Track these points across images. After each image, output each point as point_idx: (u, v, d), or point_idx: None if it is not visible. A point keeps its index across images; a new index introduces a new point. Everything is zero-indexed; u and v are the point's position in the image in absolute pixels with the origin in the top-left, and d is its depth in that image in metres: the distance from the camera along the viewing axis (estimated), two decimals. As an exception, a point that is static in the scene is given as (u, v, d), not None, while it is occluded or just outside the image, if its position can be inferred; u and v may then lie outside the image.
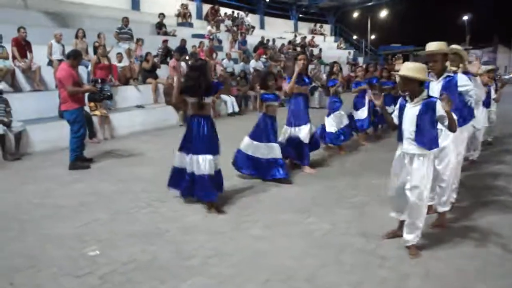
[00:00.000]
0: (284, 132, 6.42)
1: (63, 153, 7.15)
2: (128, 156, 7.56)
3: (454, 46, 4.35)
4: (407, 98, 3.51)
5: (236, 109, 13.31)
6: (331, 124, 7.57)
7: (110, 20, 14.13)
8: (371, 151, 7.96)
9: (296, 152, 6.41)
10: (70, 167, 6.59)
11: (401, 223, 3.80)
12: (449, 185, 4.16)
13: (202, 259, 3.59)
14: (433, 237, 3.93)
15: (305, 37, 24.62)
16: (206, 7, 20.90)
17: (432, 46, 4.01)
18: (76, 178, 6.11)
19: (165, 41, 13.74)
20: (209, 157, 4.65)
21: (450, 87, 3.97)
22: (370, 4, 29.70)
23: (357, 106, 8.51)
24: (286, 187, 5.63)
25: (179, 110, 11.28)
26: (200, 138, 4.68)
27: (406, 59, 30.63)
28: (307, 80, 6.42)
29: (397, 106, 3.66)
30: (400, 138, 3.60)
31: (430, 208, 4.14)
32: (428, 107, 3.37)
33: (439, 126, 3.50)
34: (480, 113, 6.53)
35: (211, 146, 4.71)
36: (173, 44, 14.28)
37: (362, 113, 8.45)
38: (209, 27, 17.97)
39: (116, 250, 3.74)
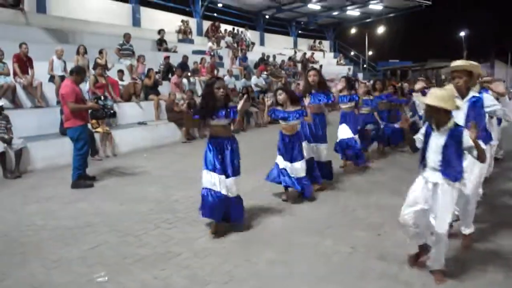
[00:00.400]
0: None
1: (64, 171, 6.98)
2: (132, 174, 7.39)
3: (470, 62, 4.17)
4: (433, 126, 3.35)
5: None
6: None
7: (111, 36, 14.11)
8: (378, 170, 7.81)
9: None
10: (73, 185, 6.41)
11: (421, 247, 3.63)
12: (473, 207, 4.01)
13: (218, 285, 3.41)
14: (458, 262, 3.75)
15: (305, 54, 24.69)
16: (206, 24, 20.94)
17: (457, 63, 3.90)
18: (79, 197, 5.93)
19: (167, 58, 13.68)
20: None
21: (475, 108, 3.83)
22: (368, 20, 29.90)
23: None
24: (297, 207, 5.46)
25: (182, 126, 11.15)
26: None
27: (405, 74, 30.94)
28: (322, 97, 6.05)
29: (423, 131, 3.51)
30: (421, 164, 3.44)
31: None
32: (455, 138, 3.23)
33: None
34: (494, 129, 6.40)
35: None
36: (174, 60, 14.25)
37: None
38: (209, 44, 17.94)
39: (126, 276, 3.56)
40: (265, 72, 18.05)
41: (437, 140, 3.30)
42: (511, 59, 37.49)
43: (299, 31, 28.76)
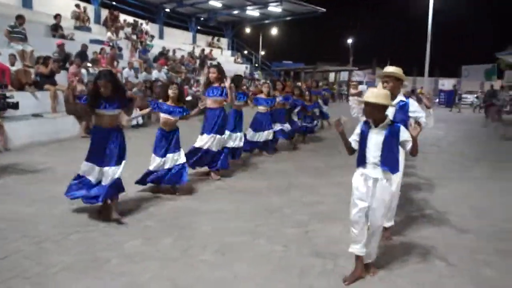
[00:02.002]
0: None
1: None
2: (33, 171, 6.59)
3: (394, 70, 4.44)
4: (371, 123, 3.50)
5: (140, 121, 12.55)
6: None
7: (-4, 16, 12.42)
8: (291, 161, 8.05)
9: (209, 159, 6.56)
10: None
11: (358, 263, 3.58)
12: (395, 203, 4.31)
13: (162, 293, 3.17)
14: (382, 254, 3.99)
15: (203, 50, 24.48)
16: (104, 12, 19.58)
17: (390, 69, 4.14)
18: (-27, 199, 5.12)
19: (61, 45, 12.47)
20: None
21: (402, 112, 4.10)
22: (266, 21, 30.73)
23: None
24: (217, 204, 5.38)
25: (82, 120, 10.28)
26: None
27: (297, 76, 32.41)
28: (217, 92, 6.48)
29: (357, 131, 3.63)
30: (361, 163, 3.57)
31: None
32: (393, 133, 3.41)
33: None
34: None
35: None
36: (71, 48, 13.07)
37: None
38: (108, 34, 16.83)
39: (53, 289, 3.13)
40: (165, 67, 17.52)
41: (377, 137, 3.45)
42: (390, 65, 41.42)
43: (198, 27, 28.41)
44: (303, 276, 3.55)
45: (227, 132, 7.08)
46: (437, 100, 30.12)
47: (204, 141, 6.47)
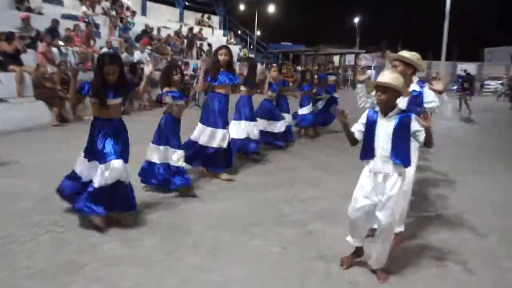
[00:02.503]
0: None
1: None
2: (-2, 163, 6.55)
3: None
4: (379, 112, 3.49)
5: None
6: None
7: None
8: (294, 159, 8.05)
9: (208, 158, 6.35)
10: None
11: (357, 248, 3.81)
12: (406, 204, 4.32)
13: (144, 300, 3.17)
14: (393, 259, 4.00)
15: (191, 28, 24.36)
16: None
17: (406, 54, 4.11)
18: None
19: (26, 18, 12.34)
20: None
21: (416, 102, 4.07)
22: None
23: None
24: (210, 202, 5.39)
25: (53, 106, 10.22)
26: None
27: (297, 59, 32.37)
28: (226, 78, 6.30)
29: (363, 120, 3.63)
30: (367, 156, 3.57)
31: None
32: (404, 123, 3.41)
33: None
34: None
35: None
36: (38, 24, 12.98)
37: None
38: (83, 8, 16.70)
39: (21, 295, 3.12)
40: (149, 47, 17.44)
41: (386, 127, 3.44)
42: (402, 49, 41.48)
43: (186, 3, 28.27)
44: (304, 281, 3.56)
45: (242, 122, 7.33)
46: (455, 87, 30.18)
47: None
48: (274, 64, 10.93)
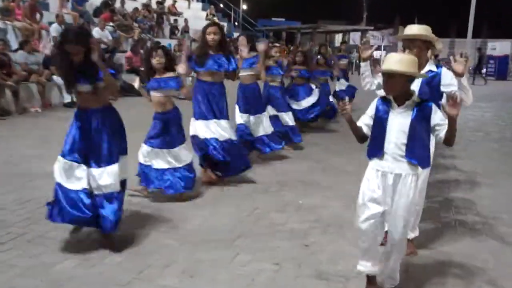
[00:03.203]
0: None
1: None
2: None
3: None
4: (392, 101, 3.48)
5: (68, 98, 12.31)
6: None
7: None
8: (290, 161, 8.07)
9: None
10: None
11: (370, 278, 3.72)
12: (421, 208, 4.35)
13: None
14: (411, 278, 4.02)
15: (163, 1, 24.28)
16: None
17: (414, 30, 4.12)
18: None
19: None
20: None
21: (432, 85, 4.10)
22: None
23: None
24: (191, 211, 5.40)
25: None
26: None
27: (291, 37, 32.43)
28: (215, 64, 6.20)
29: (371, 112, 3.61)
30: (375, 154, 3.56)
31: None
32: (423, 114, 3.39)
33: None
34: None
35: None
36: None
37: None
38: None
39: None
40: (111, 23, 17.37)
41: (401, 120, 3.42)
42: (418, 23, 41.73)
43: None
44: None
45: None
46: (484, 70, 30.43)
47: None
48: (277, 44, 11.04)
